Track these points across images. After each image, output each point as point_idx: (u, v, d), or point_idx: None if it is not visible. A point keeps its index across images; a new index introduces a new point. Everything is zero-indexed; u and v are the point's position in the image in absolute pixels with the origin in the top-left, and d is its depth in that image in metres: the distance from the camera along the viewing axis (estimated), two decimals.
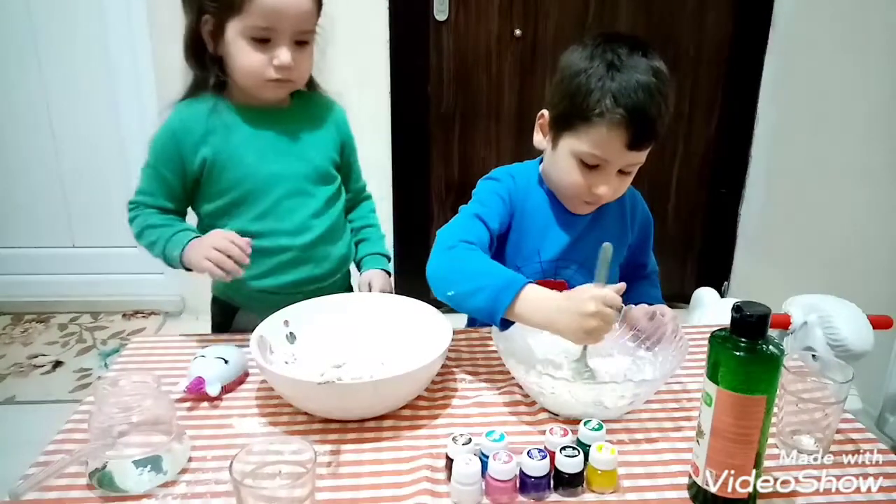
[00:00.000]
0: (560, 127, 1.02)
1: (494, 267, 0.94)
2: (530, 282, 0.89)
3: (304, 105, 1.18)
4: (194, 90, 1.14)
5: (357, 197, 1.31)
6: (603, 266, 0.89)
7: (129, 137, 2.40)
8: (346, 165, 1.25)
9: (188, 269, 1.08)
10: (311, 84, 1.20)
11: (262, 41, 1.05)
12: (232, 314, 1.21)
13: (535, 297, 0.88)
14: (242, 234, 1.07)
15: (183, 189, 1.13)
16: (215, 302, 1.25)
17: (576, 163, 1.00)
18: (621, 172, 1.01)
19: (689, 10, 2.33)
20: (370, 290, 1.19)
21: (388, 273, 1.25)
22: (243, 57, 1.06)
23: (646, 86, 0.94)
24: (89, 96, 2.37)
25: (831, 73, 2.03)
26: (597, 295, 0.84)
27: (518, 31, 2.30)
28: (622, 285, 0.89)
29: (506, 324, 0.91)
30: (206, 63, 1.11)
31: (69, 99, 2.37)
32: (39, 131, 2.40)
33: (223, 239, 1.01)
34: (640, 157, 1.00)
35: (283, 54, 1.06)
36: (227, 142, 1.11)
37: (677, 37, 2.34)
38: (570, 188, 1.03)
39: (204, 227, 1.14)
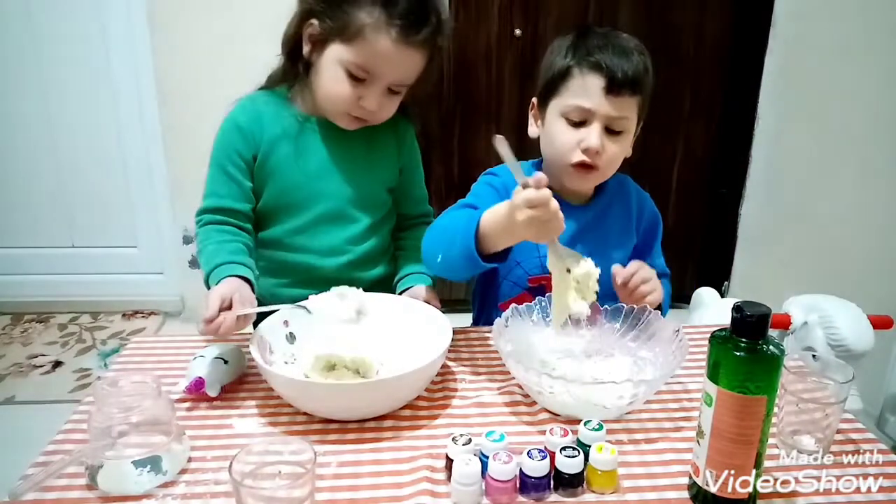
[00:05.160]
0: (545, 99, 1.07)
1: (458, 216, 0.97)
2: (484, 211, 0.91)
3: (371, 125, 1.12)
4: (274, 83, 1.11)
5: (417, 220, 1.24)
6: (509, 160, 0.85)
7: (129, 137, 2.41)
8: (402, 188, 1.21)
9: None
10: None
11: (358, 79, 1.02)
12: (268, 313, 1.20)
13: (489, 223, 0.90)
14: (274, 242, 1.08)
15: (249, 184, 1.08)
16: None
17: (563, 122, 1.04)
18: (610, 132, 1.03)
19: (689, 10, 2.32)
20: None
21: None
22: (334, 84, 1.03)
23: (616, 42, 1.02)
24: (89, 96, 2.37)
25: (831, 73, 2.03)
26: (519, 203, 0.83)
27: (518, 31, 2.30)
28: (540, 176, 0.83)
29: (492, 259, 0.92)
30: (296, 61, 1.07)
31: (69, 99, 2.37)
32: (39, 131, 2.40)
33: (220, 312, 0.88)
34: (624, 108, 1.02)
35: (372, 100, 1.03)
36: (283, 148, 1.08)
37: (677, 37, 2.33)
38: (562, 151, 1.05)
39: None
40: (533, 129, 1.13)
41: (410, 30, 0.99)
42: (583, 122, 1.03)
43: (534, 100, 1.11)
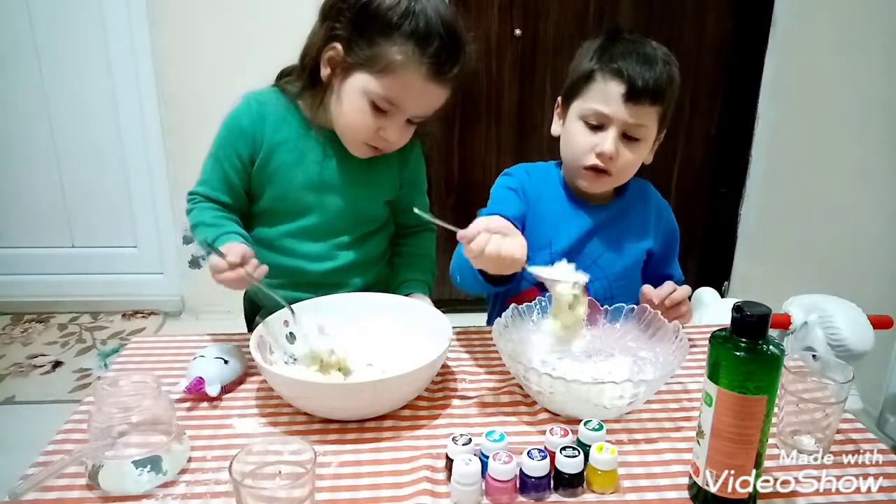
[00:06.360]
0: (568, 99, 1.08)
1: None
2: None
3: None
4: (285, 83, 1.10)
5: (416, 229, 1.24)
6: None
7: (129, 138, 2.41)
8: (403, 202, 1.18)
9: None
10: None
11: (381, 110, 1.01)
12: (258, 310, 1.21)
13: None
14: (265, 242, 1.08)
15: (241, 184, 1.09)
16: (245, 295, 1.25)
17: (582, 125, 1.05)
18: (627, 139, 1.04)
19: (689, 10, 2.33)
20: None
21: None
22: (356, 114, 1.01)
23: (642, 51, 1.02)
24: (89, 96, 2.37)
25: (831, 73, 2.03)
26: (468, 251, 0.85)
27: (518, 31, 2.30)
28: (460, 234, 0.87)
29: (497, 281, 0.94)
30: (313, 78, 1.05)
31: (69, 99, 2.37)
32: (39, 131, 2.40)
33: (234, 268, 0.91)
34: (642, 116, 1.03)
35: (393, 131, 1.03)
36: (283, 154, 1.08)
37: (677, 37, 2.33)
38: (577, 153, 1.06)
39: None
40: (555, 128, 1.13)
41: (442, 67, 0.99)
42: (600, 127, 1.03)
43: (559, 99, 1.12)
